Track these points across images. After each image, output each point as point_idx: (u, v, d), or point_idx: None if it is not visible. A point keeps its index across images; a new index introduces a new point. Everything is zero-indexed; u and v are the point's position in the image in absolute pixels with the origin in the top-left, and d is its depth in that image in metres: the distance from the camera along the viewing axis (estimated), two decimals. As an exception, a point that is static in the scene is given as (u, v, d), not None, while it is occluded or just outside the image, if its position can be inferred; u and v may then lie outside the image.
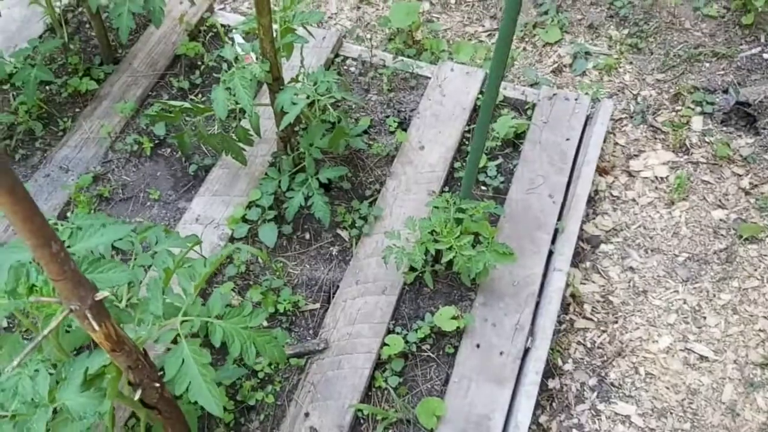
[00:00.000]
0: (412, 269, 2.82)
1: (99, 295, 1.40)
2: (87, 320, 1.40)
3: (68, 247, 1.79)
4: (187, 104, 2.84)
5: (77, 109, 3.39)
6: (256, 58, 2.66)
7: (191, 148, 3.20)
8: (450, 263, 2.63)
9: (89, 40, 3.64)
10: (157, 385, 1.64)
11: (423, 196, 3.05)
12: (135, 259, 2.30)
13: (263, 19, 2.45)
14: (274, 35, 2.64)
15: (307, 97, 2.60)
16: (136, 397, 1.60)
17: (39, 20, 3.63)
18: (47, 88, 3.43)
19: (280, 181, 2.94)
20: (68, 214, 3.01)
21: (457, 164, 3.20)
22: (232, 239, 2.95)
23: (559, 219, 3.03)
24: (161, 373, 1.66)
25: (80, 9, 3.73)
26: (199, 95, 3.44)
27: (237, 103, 2.61)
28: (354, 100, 2.85)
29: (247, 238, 2.97)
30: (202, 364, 1.58)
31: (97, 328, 1.38)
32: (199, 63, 3.56)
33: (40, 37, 3.60)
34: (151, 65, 3.51)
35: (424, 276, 2.77)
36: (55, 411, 1.63)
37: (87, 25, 3.68)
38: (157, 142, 3.27)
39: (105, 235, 1.79)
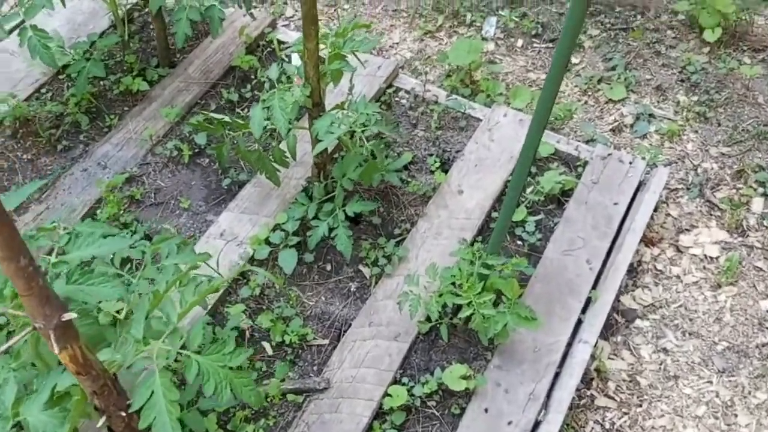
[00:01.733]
0: (428, 319, 2.69)
1: (66, 316, 1.34)
2: (50, 340, 1.34)
3: (63, 253, 1.74)
4: (227, 118, 2.81)
5: (126, 108, 3.41)
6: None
7: (229, 161, 3.17)
8: (468, 319, 2.50)
9: (150, 40, 3.67)
10: (124, 414, 1.58)
11: (453, 243, 2.93)
12: (143, 269, 2.26)
13: (309, 44, 2.39)
14: (323, 60, 2.59)
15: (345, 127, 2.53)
16: (99, 425, 1.53)
17: (105, 15, 3.68)
18: (100, 83, 3.46)
19: (307, 208, 2.86)
20: (97, 212, 3.00)
21: (494, 214, 3.07)
22: (252, 260, 2.89)
23: (594, 287, 2.87)
24: (130, 402, 1.59)
25: (146, 9, 3.77)
26: (246, 109, 3.41)
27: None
28: (393, 136, 2.76)
29: (267, 261, 2.90)
30: (170, 401, 1.50)
31: (57, 351, 1.32)
32: (252, 77, 3.54)
33: (104, 32, 3.64)
34: (204, 73, 3.51)
35: (440, 328, 2.65)
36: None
37: (151, 26, 3.71)
38: (196, 150, 3.25)
39: (102, 247, 1.74)
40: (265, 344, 2.72)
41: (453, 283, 2.50)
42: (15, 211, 3.05)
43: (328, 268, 2.92)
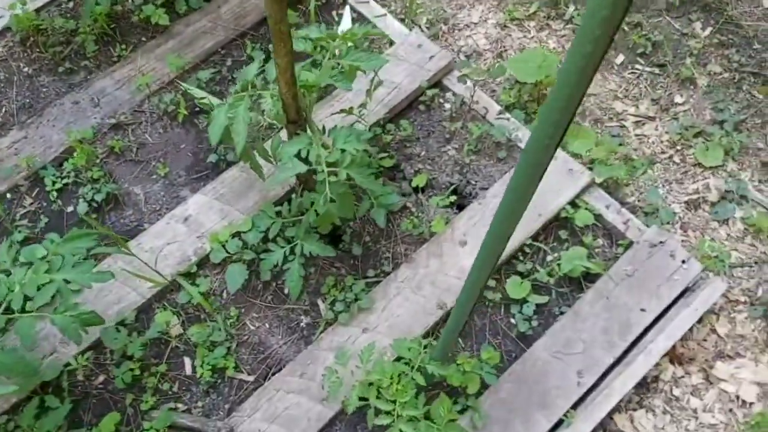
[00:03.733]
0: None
1: None
2: None
3: None
4: (208, 100, 2.42)
5: (142, 39, 3.07)
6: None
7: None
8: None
9: (196, -39, 3.25)
10: None
11: (430, 306, 2.48)
12: (26, 274, 1.99)
13: (279, 60, 1.93)
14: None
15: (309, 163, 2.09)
16: None
17: None
18: (123, 4, 3.11)
19: (272, 224, 2.48)
20: (67, 161, 2.74)
21: (492, 282, 2.58)
22: (206, 260, 2.58)
23: (574, 407, 2.38)
24: None
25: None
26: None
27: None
28: (371, 188, 2.24)
29: (222, 265, 2.58)
30: None
31: None
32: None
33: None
34: (237, 17, 3.08)
35: (367, 413, 2.27)
36: None
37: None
38: (196, 109, 2.90)
39: None
40: (187, 361, 2.45)
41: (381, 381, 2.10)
42: (-4, 130, 2.86)
43: (286, 291, 2.57)
